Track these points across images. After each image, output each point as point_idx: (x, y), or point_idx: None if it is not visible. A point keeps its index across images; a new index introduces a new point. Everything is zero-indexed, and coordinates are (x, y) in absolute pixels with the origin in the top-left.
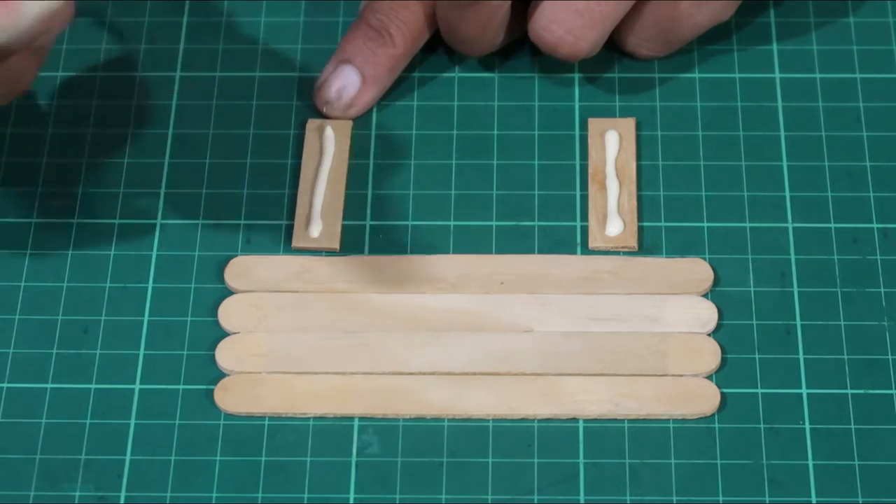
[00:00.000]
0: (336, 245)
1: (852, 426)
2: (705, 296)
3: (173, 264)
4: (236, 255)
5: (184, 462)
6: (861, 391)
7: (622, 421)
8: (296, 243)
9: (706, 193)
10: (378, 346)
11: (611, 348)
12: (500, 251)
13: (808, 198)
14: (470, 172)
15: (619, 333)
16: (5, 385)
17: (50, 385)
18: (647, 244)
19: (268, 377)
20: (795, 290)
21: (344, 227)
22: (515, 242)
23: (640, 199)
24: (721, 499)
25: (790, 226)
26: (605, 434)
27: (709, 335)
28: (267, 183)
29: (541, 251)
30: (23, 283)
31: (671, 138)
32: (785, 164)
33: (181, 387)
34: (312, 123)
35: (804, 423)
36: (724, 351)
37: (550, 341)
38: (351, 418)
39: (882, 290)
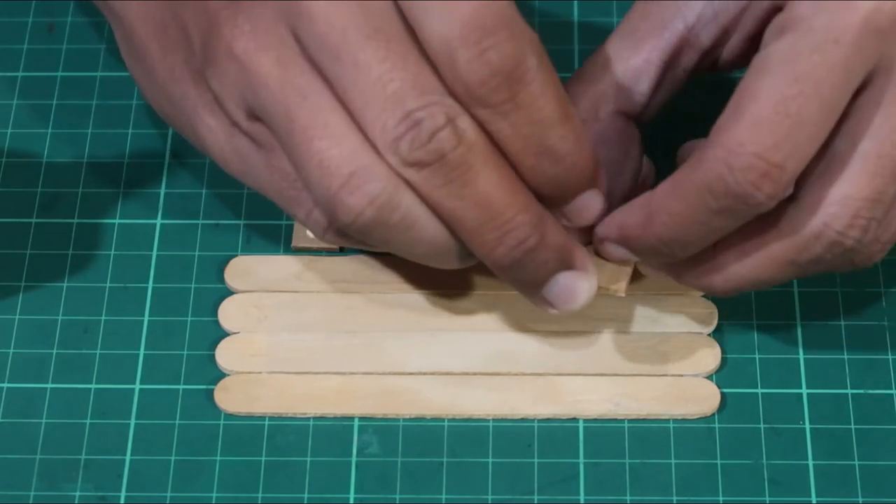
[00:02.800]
0: (336, 245)
1: (852, 426)
2: (705, 296)
3: (173, 264)
4: (236, 255)
5: (184, 462)
6: (861, 391)
7: (622, 421)
8: (296, 243)
9: None
10: (378, 346)
11: (611, 348)
12: None
13: None
14: None
15: (619, 333)
16: (5, 385)
17: (50, 385)
18: None
19: (268, 377)
20: (795, 289)
21: None
22: None
23: None
24: (721, 499)
25: None
26: (605, 434)
27: (709, 335)
28: None
29: None
30: (23, 284)
31: (671, 139)
32: None
33: (181, 387)
34: None
35: (804, 423)
36: (724, 351)
37: (550, 341)
38: (351, 418)
39: (882, 289)
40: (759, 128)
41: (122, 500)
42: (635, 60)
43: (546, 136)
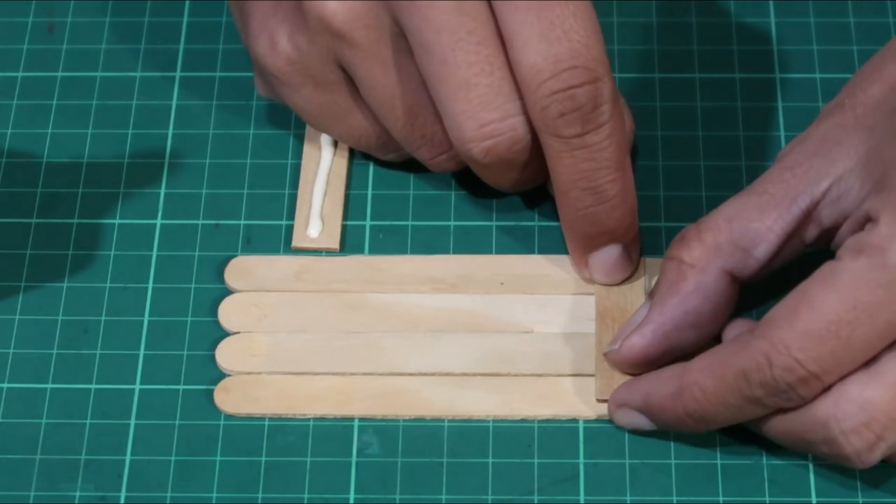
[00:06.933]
0: (336, 245)
1: None
2: None
3: (173, 264)
4: (236, 255)
5: (184, 462)
6: None
7: None
8: (296, 243)
9: (706, 193)
10: (378, 347)
11: None
12: (500, 251)
13: None
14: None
15: None
16: (5, 385)
17: (50, 385)
18: (646, 244)
19: (268, 377)
20: None
21: (344, 227)
22: (515, 242)
23: (639, 199)
24: (721, 499)
25: None
26: (605, 434)
27: None
28: (267, 183)
29: (540, 251)
30: (23, 283)
31: (671, 138)
32: None
33: (181, 387)
34: None
35: None
36: None
37: (550, 341)
38: (351, 419)
39: None
40: (808, 338)
41: (122, 500)
42: (758, 225)
43: (598, 175)
